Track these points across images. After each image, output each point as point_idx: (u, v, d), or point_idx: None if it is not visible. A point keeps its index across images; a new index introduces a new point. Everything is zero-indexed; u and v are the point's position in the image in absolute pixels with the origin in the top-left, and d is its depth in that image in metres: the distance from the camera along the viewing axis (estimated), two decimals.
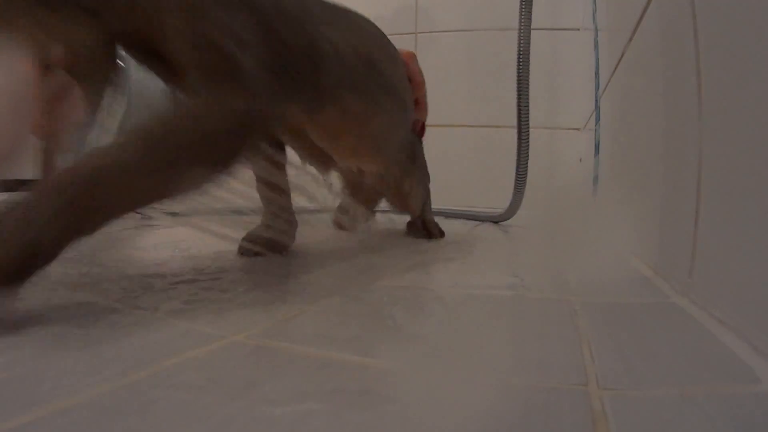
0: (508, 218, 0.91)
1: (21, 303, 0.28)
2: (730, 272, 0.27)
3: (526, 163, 0.86)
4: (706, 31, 0.32)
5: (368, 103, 0.48)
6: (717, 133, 0.30)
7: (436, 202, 0.83)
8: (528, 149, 0.86)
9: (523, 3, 0.81)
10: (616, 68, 0.68)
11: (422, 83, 0.66)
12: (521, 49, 0.82)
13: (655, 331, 0.28)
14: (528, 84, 0.83)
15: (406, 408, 0.18)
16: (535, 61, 0.88)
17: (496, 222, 0.93)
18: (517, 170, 0.86)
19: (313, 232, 0.69)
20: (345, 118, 0.46)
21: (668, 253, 0.39)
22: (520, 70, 0.82)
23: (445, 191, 1.25)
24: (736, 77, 0.27)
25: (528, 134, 0.85)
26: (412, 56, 0.65)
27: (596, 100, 0.90)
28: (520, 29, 0.82)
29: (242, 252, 0.49)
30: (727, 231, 0.28)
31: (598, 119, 0.87)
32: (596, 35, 0.93)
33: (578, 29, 1.18)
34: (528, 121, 0.85)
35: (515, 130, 0.86)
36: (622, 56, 0.63)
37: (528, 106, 0.84)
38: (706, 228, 0.31)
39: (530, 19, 0.81)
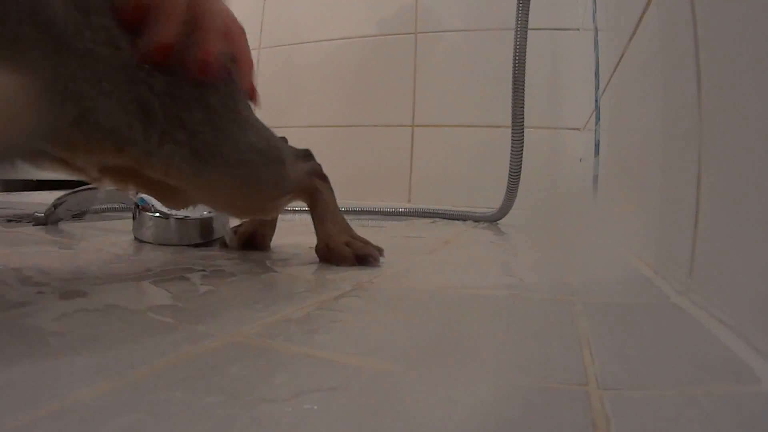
0: (500, 218, 0.92)
1: (19, 304, 0.28)
2: (730, 272, 0.27)
3: (520, 162, 0.87)
4: (706, 31, 0.32)
5: None
6: (717, 132, 0.30)
7: (438, 202, 0.82)
8: (522, 148, 0.86)
9: (520, 3, 0.82)
10: (616, 68, 0.68)
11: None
12: (517, 47, 0.83)
13: (655, 331, 0.28)
14: (524, 83, 0.84)
15: (406, 408, 0.18)
16: (535, 61, 0.88)
17: (486, 221, 0.93)
18: (510, 169, 0.87)
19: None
20: None
21: (668, 253, 0.39)
22: (516, 70, 0.83)
23: (444, 191, 1.25)
24: (736, 77, 0.27)
25: (522, 133, 0.86)
26: None
27: (596, 100, 0.90)
28: (516, 28, 0.82)
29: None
30: (727, 231, 0.28)
31: (598, 119, 0.87)
32: (596, 35, 0.93)
33: (578, 29, 1.18)
34: (522, 120, 0.85)
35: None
36: (622, 56, 0.63)
37: (523, 105, 0.85)
38: (706, 228, 0.31)
39: (527, 18, 0.82)
